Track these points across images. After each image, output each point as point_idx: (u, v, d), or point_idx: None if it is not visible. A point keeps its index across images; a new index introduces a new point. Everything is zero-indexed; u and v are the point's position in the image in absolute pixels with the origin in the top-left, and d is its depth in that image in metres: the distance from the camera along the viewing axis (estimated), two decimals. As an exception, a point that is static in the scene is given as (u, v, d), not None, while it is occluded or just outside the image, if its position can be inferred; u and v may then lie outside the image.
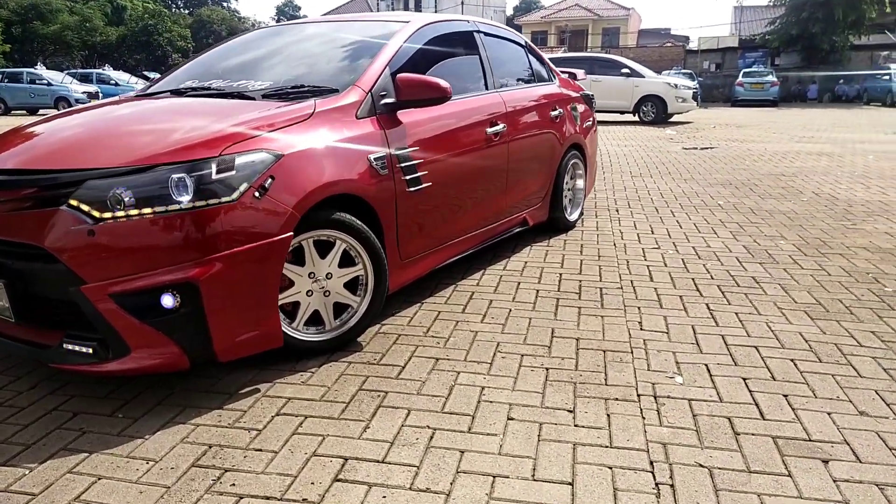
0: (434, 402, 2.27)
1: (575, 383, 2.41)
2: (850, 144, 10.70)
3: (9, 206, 2.23)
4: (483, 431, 2.08)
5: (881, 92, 25.09)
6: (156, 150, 2.25)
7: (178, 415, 2.21)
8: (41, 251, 2.14)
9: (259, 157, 2.34)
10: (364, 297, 2.75)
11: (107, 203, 2.13)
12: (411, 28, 3.34)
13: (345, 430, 2.10)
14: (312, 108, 2.66)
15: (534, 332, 2.88)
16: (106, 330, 2.15)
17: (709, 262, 3.94)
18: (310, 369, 2.54)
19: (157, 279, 2.14)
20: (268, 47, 3.57)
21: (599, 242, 4.44)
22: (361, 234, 2.67)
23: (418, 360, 2.62)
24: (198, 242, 2.18)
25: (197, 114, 2.66)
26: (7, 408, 2.27)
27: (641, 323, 2.98)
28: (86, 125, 2.70)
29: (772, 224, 4.95)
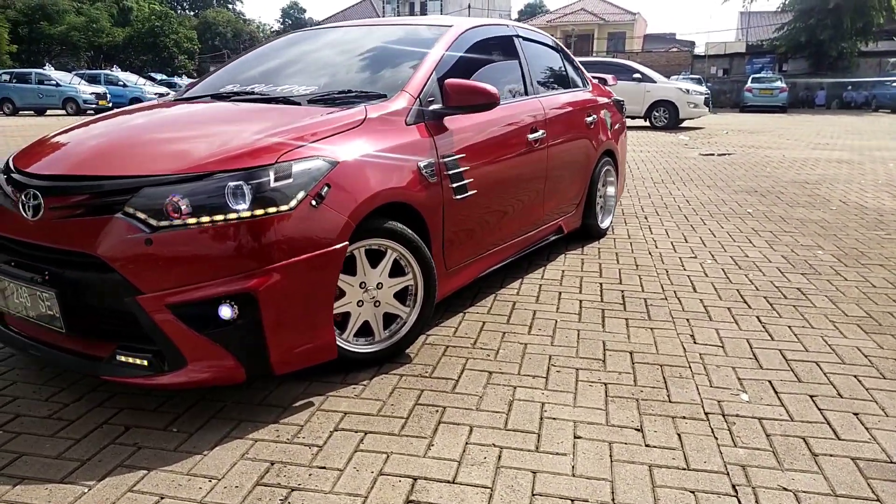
0: (495, 419, 2.20)
1: (637, 400, 2.34)
2: (867, 152, 10.63)
3: (58, 214, 2.16)
4: (552, 451, 2.01)
5: (890, 99, 25.06)
6: (212, 156, 2.19)
7: (234, 429, 2.15)
8: (95, 260, 2.08)
9: (315, 165, 2.28)
10: (413, 308, 2.68)
11: (163, 211, 2.07)
12: (454, 32, 3.27)
13: (408, 448, 2.03)
14: (364, 114, 2.59)
15: (585, 345, 2.81)
16: (162, 341, 2.08)
17: (750, 273, 3.86)
18: (361, 382, 2.48)
19: (215, 290, 2.08)
20: (306, 52, 3.51)
21: (634, 251, 4.37)
22: (412, 244, 2.60)
23: (471, 373, 2.55)
24: (256, 252, 2.11)
25: (248, 119, 2.60)
26: (55, 420, 2.21)
27: (694, 336, 2.91)
28: (134, 130, 2.64)
29: (806, 233, 4.87)
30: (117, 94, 25.11)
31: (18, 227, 2.27)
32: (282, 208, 2.16)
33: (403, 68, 2.99)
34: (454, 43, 3.20)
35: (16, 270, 2.26)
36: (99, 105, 23.32)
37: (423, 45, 3.13)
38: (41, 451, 2.02)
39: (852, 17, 27.31)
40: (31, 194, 2.21)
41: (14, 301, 2.30)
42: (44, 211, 2.18)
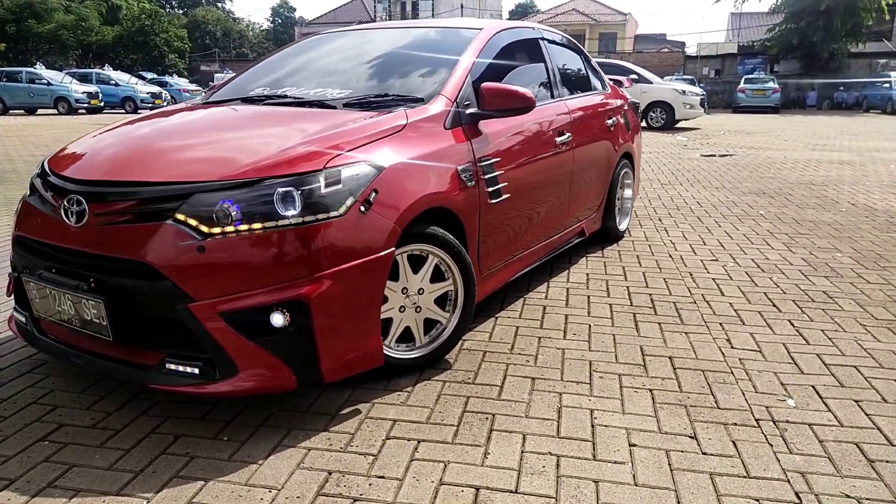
0: (547, 426, 2.19)
1: (685, 406, 2.33)
2: (866, 153, 10.71)
3: (104, 220, 2.13)
4: (610, 459, 2.00)
5: (881, 99, 25.26)
6: (261, 162, 2.16)
7: (286, 437, 2.12)
8: (144, 268, 2.05)
9: (363, 171, 2.26)
10: (453, 313, 2.66)
11: (213, 218, 2.04)
12: (485, 35, 3.26)
13: (465, 457, 2.01)
14: (405, 118, 2.57)
15: (623, 350, 2.80)
16: (214, 349, 2.06)
17: (774, 276, 3.88)
18: (404, 389, 2.46)
19: (267, 297, 2.05)
20: (334, 54, 3.48)
21: (655, 253, 4.37)
22: (453, 249, 2.58)
23: (514, 379, 2.53)
24: (307, 259, 2.09)
25: (290, 124, 2.57)
26: (101, 430, 2.17)
27: (730, 341, 2.91)
28: (176, 135, 2.61)
29: (821, 236, 4.90)
30: (109, 93, 24.90)
31: (59, 233, 2.23)
32: (332, 214, 2.13)
33: (438, 71, 2.97)
34: (486, 46, 3.19)
35: (58, 277, 2.22)
36: (91, 104, 23.13)
37: (456, 48, 3.11)
38: (92, 463, 1.98)
39: (843, 18, 27.54)
40: (73, 200, 2.18)
41: (55, 308, 2.26)
42: (88, 217, 2.14)
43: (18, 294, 2.50)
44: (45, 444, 2.09)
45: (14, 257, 2.47)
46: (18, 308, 2.54)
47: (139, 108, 25.11)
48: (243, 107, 2.95)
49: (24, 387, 2.47)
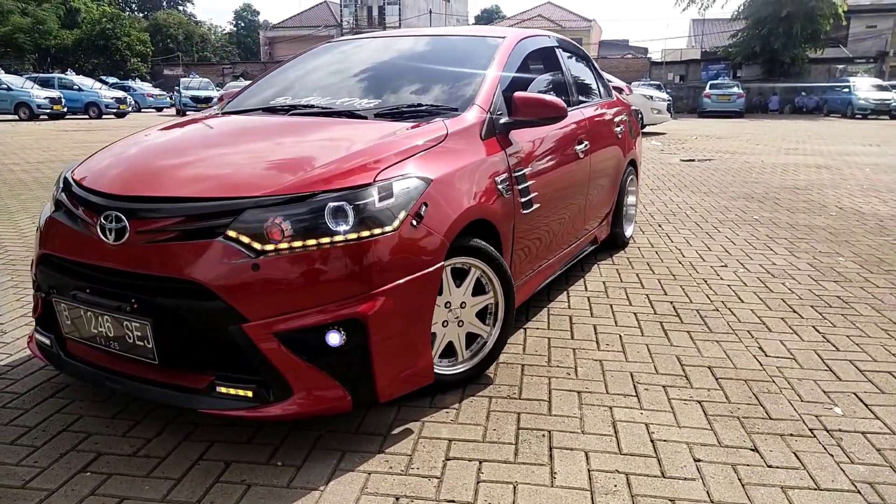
0: (607, 443, 2.15)
1: (738, 418, 2.32)
2: (838, 157, 10.99)
3: (147, 238, 2.03)
4: (679, 476, 1.98)
5: (841, 104, 26.02)
6: (312, 176, 2.09)
7: (342, 461, 2.05)
8: (194, 287, 1.96)
9: (413, 184, 2.20)
10: (494, 327, 2.61)
11: (265, 234, 1.96)
12: (510, 44, 3.23)
13: (532, 477, 1.96)
14: (445, 129, 2.52)
15: (660, 361, 2.79)
16: (268, 371, 1.97)
17: (786, 281, 3.92)
18: (451, 406, 2.40)
19: (322, 316, 1.98)
20: (354, 63, 3.41)
21: (664, 260, 4.39)
22: (495, 261, 2.54)
23: (560, 393, 2.50)
24: (363, 275, 2.02)
25: (328, 135, 2.51)
26: (144, 458, 2.07)
27: (762, 349, 2.92)
28: (213, 148, 2.50)
29: (819, 240, 4.98)
30: (73, 98, 24.22)
31: (95, 252, 2.12)
32: (386, 229, 2.07)
33: (468, 80, 2.92)
34: (511, 54, 3.16)
35: (95, 298, 2.11)
36: (54, 110, 22.46)
37: (483, 56, 3.07)
38: (143, 495, 1.88)
39: (803, 25, 28.31)
40: (111, 217, 2.07)
41: (91, 330, 2.15)
42: (129, 235, 2.04)
43: (43, 315, 2.37)
44: (88, 475, 1.98)
45: (39, 277, 2.34)
46: (41, 330, 2.41)
47: (103, 114, 24.49)
48: (271, 117, 2.86)
49: (50, 412, 2.35)
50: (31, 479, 1.95)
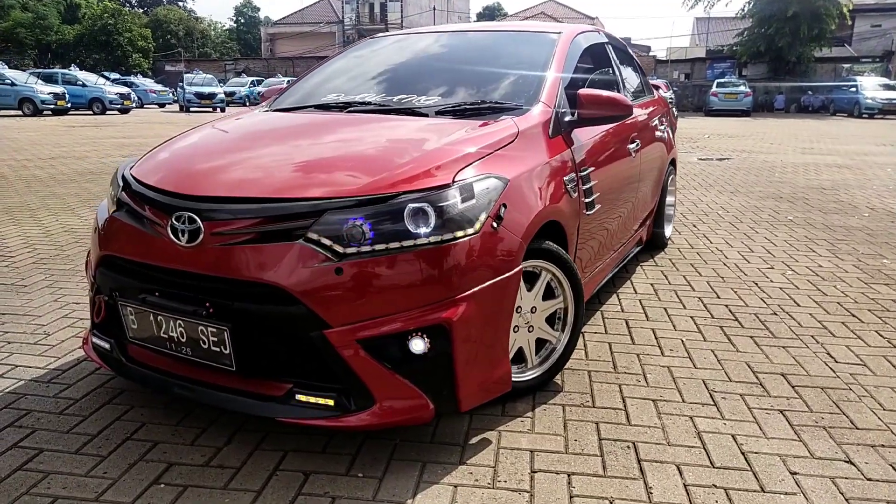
0: (696, 455, 2.07)
1: (825, 428, 2.24)
2: (856, 157, 10.91)
3: (223, 240, 1.93)
4: (779, 490, 1.89)
5: (848, 103, 25.93)
6: (391, 176, 2.00)
7: (424, 472, 1.96)
8: (276, 291, 1.87)
9: (492, 184, 2.11)
10: (563, 332, 2.53)
11: (346, 237, 1.87)
12: (567, 39, 3.14)
13: (627, 492, 1.88)
14: (516, 127, 2.43)
15: (730, 368, 2.71)
16: (350, 379, 1.89)
17: (837, 284, 3.84)
18: (524, 414, 2.32)
19: (407, 322, 1.89)
20: (404, 59, 3.32)
21: (707, 262, 4.31)
22: (566, 264, 2.45)
23: (634, 401, 2.42)
24: (446, 280, 1.94)
25: (397, 133, 2.42)
26: (219, 468, 1.98)
27: (831, 355, 2.84)
28: (278, 145, 2.41)
29: (859, 241, 4.90)
30: (76, 94, 24.06)
31: (164, 254, 2.03)
32: (468, 231, 1.98)
33: (529, 77, 2.84)
34: (569, 50, 3.07)
35: (168, 302, 2.02)
36: (57, 106, 22.32)
37: (541, 52, 2.98)
38: (224, 508, 1.80)
39: (809, 24, 28.22)
40: (184, 218, 1.98)
41: (159, 335, 2.06)
42: (203, 237, 1.95)
43: (104, 319, 2.28)
44: (162, 486, 1.90)
45: (100, 279, 2.25)
46: (99, 334, 2.32)
47: (107, 110, 24.34)
48: (330, 115, 2.77)
49: (111, 419, 2.26)
50: (103, 492, 1.87)
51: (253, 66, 44.69)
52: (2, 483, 1.90)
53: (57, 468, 1.98)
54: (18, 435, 2.16)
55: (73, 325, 3.12)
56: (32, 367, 2.67)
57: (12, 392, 2.46)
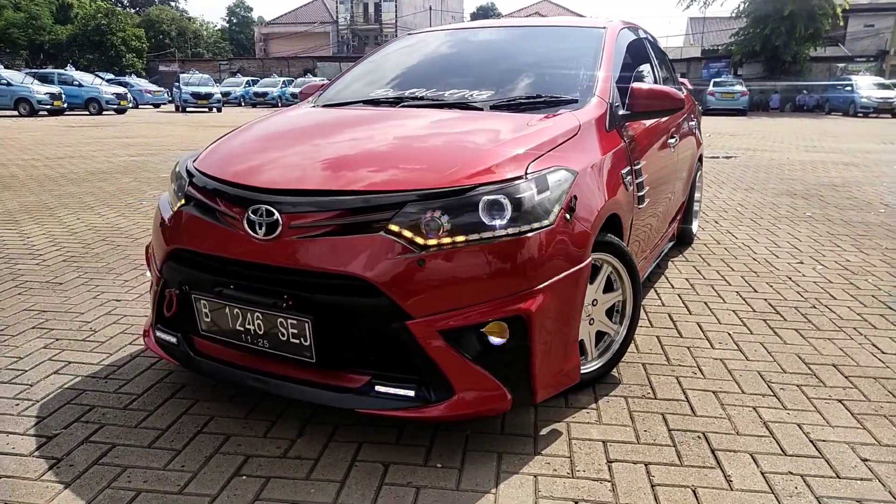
0: (766, 444, 2.09)
1: (886, 416, 2.27)
2: (859, 154, 11.00)
3: (302, 232, 1.94)
4: (855, 476, 1.92)
5: (843, 102, 26.14)
6: (467, 168, 2.01)
7: (501, 462, 1.98)
8: (358, 283, 1.88)
9: (563, 176, 2.12)
10: (622, 325, 2.55)
11: (426, 229, 1.88)
12: (613, 33, 3.16)
13: (707, 481, 1.90)
14: (577, 120, 2.45)
15: (782, 359, 2.73)
16: (430, 370, 1.90)
17: (868, 278, 3.88)
18: (588, 406, 2.33)
19: (487, 313, 1.91)
20: (451, 54, 3.33)
21: (737, 257, 4.34)
22: (626, 257, 2.47)
23: (695, 393, 2.44)
24: (524, 271, 1.95)
25: (463, 127, 2.44)
26: (297, 460, 1.99)
27: (876, 346, 2.88)
28: (345, 139, 2.40)
29: (881, 237, 4.95)
30: (72, 94, 23.95)
31: (239, 246, 2.03)
32: (544, 223, 2.00)
33: (581, 71, 2.85)
34: (616, 45, 3.09)
35: (243, 294, 2.02)
36: (54, 106, 22.19)
37: (590, 47, 3.00)
38: (311, 498, 1.80)
39: (805, 23, 28.40)
40: (261, 211, 1.98)
41: (235, 328, 2.06)
42: (282, 229, 1.95)
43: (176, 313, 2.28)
44: (244, 478, 1.90)
45: (168, 273, 2.24)
46: (164, 328, 2.32)
47: (104, 110, 24.22)
48: (388, 109, 2.76)
49: (177, 413, 2.26)
50: (186, 485, 1.87)
51: (248, 66, 44.55)
52: (81, 477, 1.90)
53: (133, 462, 1.98)
54: (87, 430, 2.16)
55: (118, 321, 3.12)
56: (86, 363, 2.67)
57: (71, 388, 2.45)
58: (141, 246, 4.49)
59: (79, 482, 1.88)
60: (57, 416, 2.25)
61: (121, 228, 5.06)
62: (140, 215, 5.57)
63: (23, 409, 2.29)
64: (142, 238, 4.74)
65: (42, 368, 2.61)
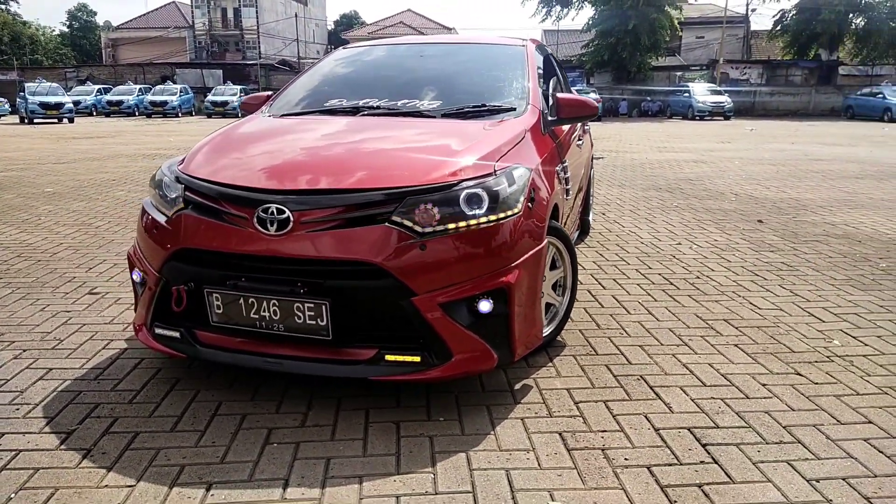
0: (689, 379, 2.63)
1: (772, 354, 2.90)
2: (705, 153, 12.47)
3: (313, 227, 2.22)
4: (760, 395, 2.50)
5: (682, 107, 28.99)
6: (451, 167, 2.38)
7: (491, 413, 2.36)
8: (370, 267, 2.19)
9: (524, 172, 2.54)
10: (564, 297, 3.01)
11: (422, 219, 2.24)
12: (531, 51, 3.64)
13: (654, 408, 2.39)
14: (523, 125, 2.89)
15: (684, 317, 3.34)
16: (432, 338, 2.25)
17: (734, 252, 4.66)
18: (546, 365, 2.78)
19: (476, 287, 2.29)
20: (394, 67, 3.66)
21: (629, 241, 5.01)
22: (567, 240, 2.94)
23: (626, 348, 2.96)
24: (504, 251, 2.35)
25: (430, 133, 2.79)
26: (317, 427, 2.25)
27: (752, 303, 3.56)
28: (332, 144, 2.69)
29: (737, 220, 5.86)
30: None
31: (251, 242, 2.26)
32: (515, 211, 2.41)
33: (513, 83, 3.30)
34: (535, 59, 3.58)
35: (259, 285, 2.27)
36: None
37: (516, 62, 3.46)
38: (343, 453, 2.09)
39: (647, 35, 31.15)
40: (272, 210, 2.24)
41: (250, 316, 2.29)
42: (293, 225, 2.22)
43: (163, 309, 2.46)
44: (275, 446, 2.15)
45: (169, 272, 2.42)
46: (163, 324, 2.49)
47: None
48: (349, 118, 3.03)
49: (185, 402, 2.44)
50: (224, 456, 2.09)
51: (97, 74, 41.68)
52: (119, 461, 2.06)
53: (164, 445, 2.16)
54: (103, 424, 2.29)
55: (79, 330, 3.16)
56: (68, 368, 2.74)
57: (66, 391, 2.54)
58: (61, 259, 4.43)
59: (119, 465, 2.04)
60: (65, 415, 2.35)
61: (31, 244, 4.90)
62: (44, 230, 5.38)
63: (27, 412, 2.37)
64: (59, 252, 4.65)
65: (25, 376, 2.66)
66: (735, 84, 33.35)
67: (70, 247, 4.82)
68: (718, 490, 1.91)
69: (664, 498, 1.87)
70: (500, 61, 3.56)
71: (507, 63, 3.49)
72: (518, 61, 3.46)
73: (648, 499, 1.87)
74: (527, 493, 1.89)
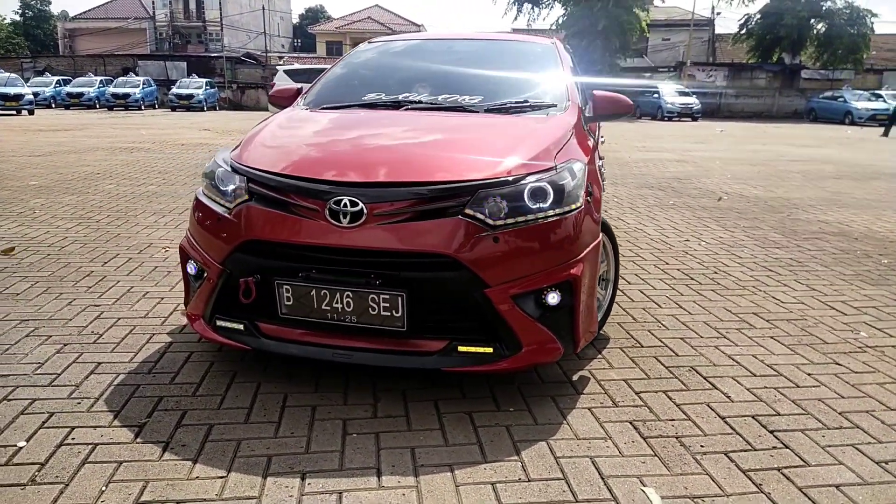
0: (738, 370, 2.72)
1: (809, 345, 3.01)
2: (685, 153, 12.73)
3: (386, 219, 2.23)
4: (808, 384, 2.59)
5: (652, 107, 29.47)
6: (518, 161, 2.42)
7: (558, 403, 2.41)
8: (444, 259, 2.21)
9: (580, 167, 2.60)
10: (607, 290, 3.08)
11: (493, 212, 2.27)
12: (560, 46, 3.71)
13: (713, 398, 2.47)
14: (570, 121, 2.94)
15: (715, 311, 3.44)
16: (504, 329, 2.28)
17: (743, 249, 4.80)
18: (595, 357, 2.84)
19: (545, 279, 2.33)
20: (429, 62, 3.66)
21: (638, 238, 5.12)
22: (611, 234, 3.01)
23: (669, 340, 3.04)
24: (571, 244, 2.40)
25: (485, 128, 2.82)
26: (390, 418, 2.27)
27: (775, 298, 3.68)
28: (392, 137, 2.70)
29: (736, 218, 6.03)
30: None
31: (323, 235, 2.26)
32: (578, 204, 2.46)
33: (552, 79, 3.35)
34: (565, 56, 3.63)
35: (333, 276, 2.27)
36: None
37: (549, 59, 3.52)
38: (426, 442, 2.11)
39: (618, 37, 31.62)
40: (345, 202, 2.24)
41: (321, 308, 2.29)
42: (367, 217, 2.23)
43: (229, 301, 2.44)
44: (354, 436, 2.16)
45: (234, 264, 2.40)
46: (225, 317, 2.48)
47: None
48: (397, 112, 3.03)
49: (250, 395, 2.42)
50: (307, 446, 2.09)
51: (56, 65, 40.47)
52: (202, 453, 2.05)
53: (242, 436, 2.15)
54: (174, 417, 2.27)
55: (116, 324, 3.11)
56: (117, 362, 2.70)
57: (122, 384, 2.50)
58: (71, 254, 4.33)
59: (203, 456, 2.03)
60: (130, 408, 2.32)
61: (35, 238, 4.77)
62: (43, 224, 5.24)
63: (90, 406, 2.33)
64: (67, 246, 4.54)
65: (75, 370, 2.61)
66: (702, 86, 34.07)
67: (77, 241, 4.71)
68: (797, 473, 1.99)
69: (749, 482, 1.94)
70: (533, 58, 3.61)
71: (540, 60, 3.54)
72: (551, 58, 3.52)
73: (734, 483, 1.94)
74: (617, 479, 1.94)
